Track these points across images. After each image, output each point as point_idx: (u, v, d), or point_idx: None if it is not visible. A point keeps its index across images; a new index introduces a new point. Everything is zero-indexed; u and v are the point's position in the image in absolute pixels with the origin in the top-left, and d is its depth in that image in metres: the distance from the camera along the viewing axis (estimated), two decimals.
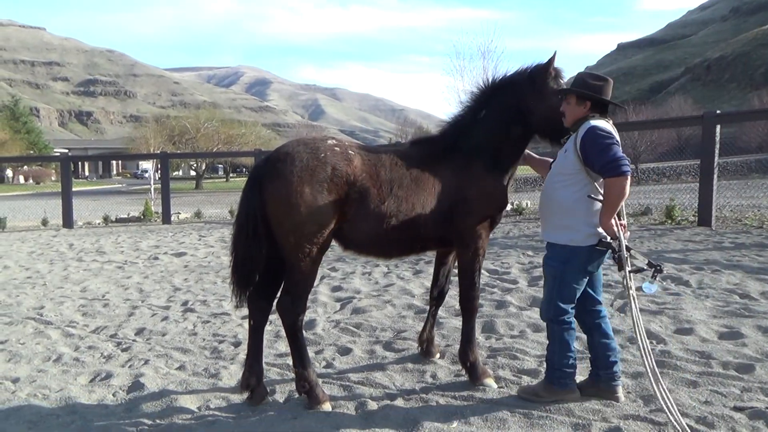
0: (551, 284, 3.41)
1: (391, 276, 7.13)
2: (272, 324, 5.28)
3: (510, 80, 3.75)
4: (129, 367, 4.32)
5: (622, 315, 5.04)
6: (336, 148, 3.43)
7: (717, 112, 10.07)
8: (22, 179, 62.76)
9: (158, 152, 30.22)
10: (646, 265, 3.27)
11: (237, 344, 4.74)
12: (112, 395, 3.82)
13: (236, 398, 3.67)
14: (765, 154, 34.23)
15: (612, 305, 5.20)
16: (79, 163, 71.68)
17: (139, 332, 5.22)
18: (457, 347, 4.39)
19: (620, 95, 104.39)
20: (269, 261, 3.47)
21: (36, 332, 5.30)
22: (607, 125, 3.28)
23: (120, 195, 38.22)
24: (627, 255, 3.21)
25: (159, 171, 18.39)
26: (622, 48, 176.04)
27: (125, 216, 16.94)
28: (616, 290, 5.85)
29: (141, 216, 16.50)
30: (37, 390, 3.93)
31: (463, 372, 3.82)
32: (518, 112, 3.64)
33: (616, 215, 3.24)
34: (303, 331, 3.59)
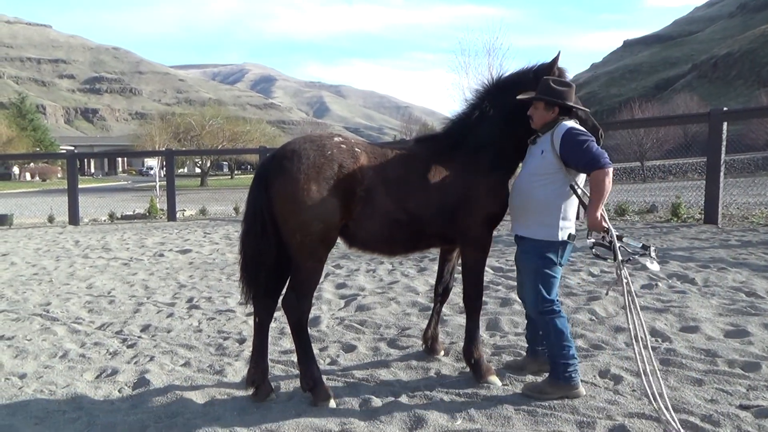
0: (534, 279, 3.46)
1: (396, 273, 7.13)
2: (277, 321, 5.29)
3: (514, 79, 3.75)
4: (134, 364, 4.34)
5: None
6: (342, 146, 3.43)
7: (724, 109, 10.01)
8: (29, 176, 63.09)
9: (163, 149, 30.28)
10: (641, 248, 3.38)
11: (242, 341, 4.75)
12: (118, 391, 3.84)
13: (241, 394, 3.68)
14: None
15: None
16: (85, 161, 72.04)
17: (145, 329, 5.25)
18: (462, 344, 4.40)
19: (626, 92, 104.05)
20: (275, 258, 3.47)
21: (42, 328, 5.33)
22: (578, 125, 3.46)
23: (125, 192, 38.38)
24: (620, 244, 3.32)
25: (164, 168, 18.44)
26: (628, 45, 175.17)
27: (131, 213, 17.01)
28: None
29: (146, 213, 16.57)
30: (44, 386, 3.95)
31: (468, 369, 3.81)
32: (522, 111, 3.63)
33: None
34: (308, 329, 3.59)
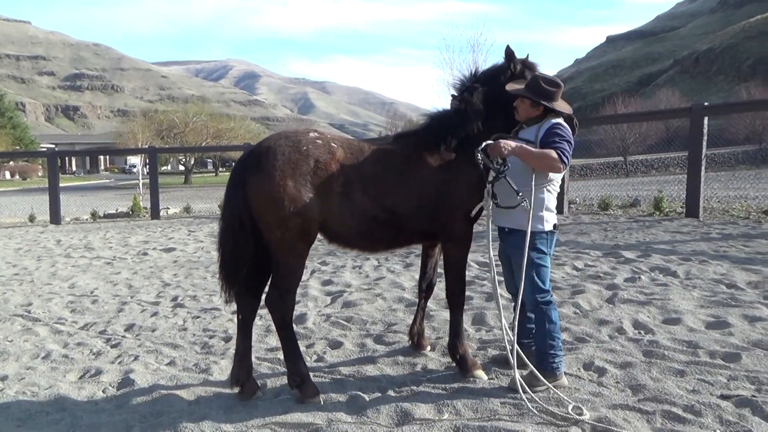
0: (528, 271, 3.47)
1: (382, 269, 7.13)
2: (263, 318, 5.27)
3: (492, 73, 3.79)
4: (118, 364, 4.31)
5: (611, 306, 5.08)
6: (318, 141, 3.42)
7: (705, 104, 10.12)
8: (8, 175, 62.05)
9: (146, 147, 29.96)
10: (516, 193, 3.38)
11: (227, 339, 4.73)
12: (102, 391, 3.80)
13: (227, 393, 3.66)
14: (752, 146, 34.57)
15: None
16: (66, 159, 71.07)
17: (129, 328, 5.20)
18: (448, 336, 4.42)
19: (609, 87, 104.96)
20: (256, 256, 3.45)
21: (24, 329, 5.26)
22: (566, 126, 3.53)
23: (108, 190, 37.92)
24: (502, 177, 3.35)
25: (147, 166, 18.25)
26: (612, 40, 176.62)
27: (113, 211, 16.81)
28: (604, 281, 5.90)
29: (129, 211, 16.39)
30: (26, 387, 3.90)
31: (454, 365, 3.83)
32: (500, 106, 3.65)
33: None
34: (293, 326, 3.57)
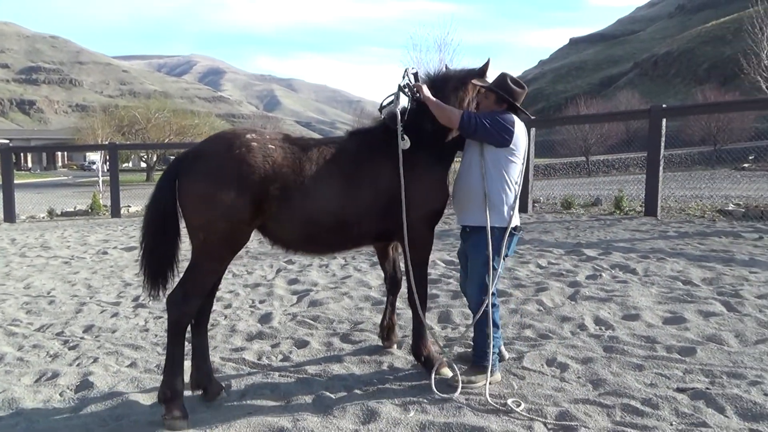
0: (482, 270, 3.52)
1: (348, 268, 7.12)
2: (228, 318, 5.21)
3: (451, 74, 3.80)
4: (77, 366, 4.18)
5: (573, 303, 5.19)
6: (254, 143, 3.26)
7: (663, 106, 10.43)
8: None
9: (106, 143, 29.16)
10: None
11: (191, 340, 4.64)
12: (59, 395, 3.69)
13: (190, 394, 3.60)
14: (707, 147, 35.78)
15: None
16: (21, 155, 68.49)
17: (88, 329, 5.05)
18: (411, 341, 4.44)
19: (572, 89, 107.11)
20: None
21: None
22: (517, 121, 3.54)
23: (66, 187, 36.75)
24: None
25: (107, 162, 17.77)
26: (574, 42, 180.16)
27: (72, 209, 16.32)
28: (567, 278, 6.02)
29: (89, 209, 15.93)
30: None
31: (419, 366, 3.84)
32: (461, 104, 3.64)
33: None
34: (185, 334, 3.31)
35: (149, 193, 3.37)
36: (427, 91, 3.55)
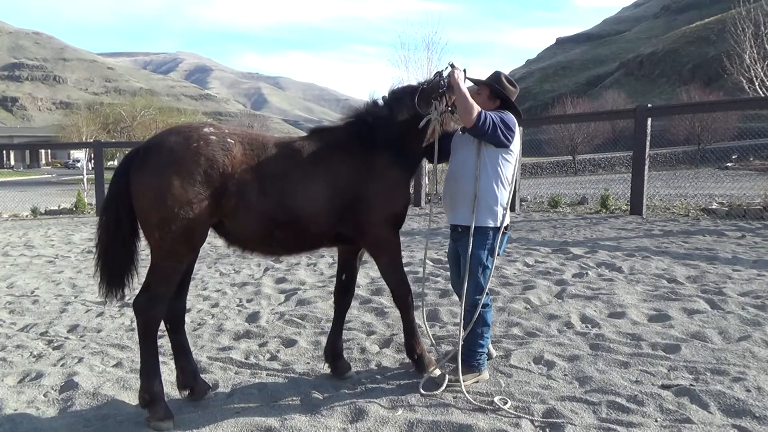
0: (476, 270, 3.51)
1: (336, 267, 7.10)
2: (215, 318, 5.18)
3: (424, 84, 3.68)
4: (61, 366, 4.13)
5: (560, 301, 5.22)
6: (212, 137, 3.15)
7: (648, 106, 10.53)
8: None
9: (91, 141, 28.82)
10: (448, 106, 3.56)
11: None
12: (44, 396, 3.64)
13: (178, 394, 3.57)
14: (691, 146, 36.19)
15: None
16: (4, 152, 67.52)
17: (72, 329, 5.00)
18: (403, 335, 4.45)
19: (559, 88, 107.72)
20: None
21: None
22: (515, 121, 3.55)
23: (50, 186, 36.22)
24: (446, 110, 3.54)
25: (92, 161, 17.57)
26: (561, 42, 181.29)
27: (56, 208, 16.13)
28: (554, 277, 6.06)
29: (73, 208, 15.75)
30: None
31: (411, 364, 3.80)
32: (429, 105, 3.53)
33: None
34: (156, 337, 3.26)
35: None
36: (461, 78, 3.41)
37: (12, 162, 74.76)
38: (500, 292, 5.51)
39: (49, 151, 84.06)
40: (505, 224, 3.58)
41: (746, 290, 5.29)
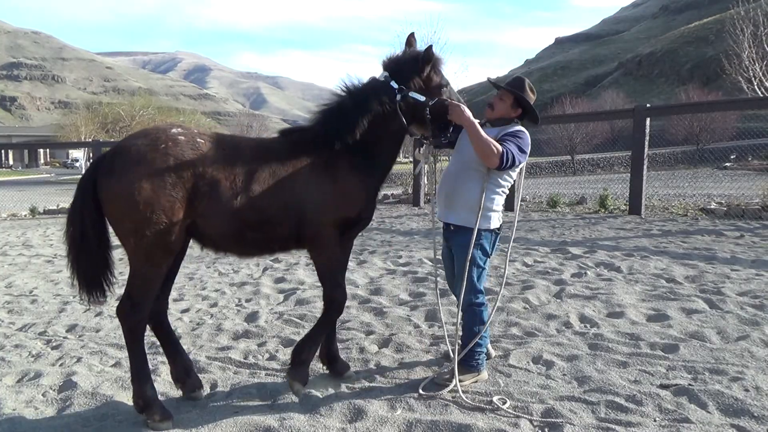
0: (470, 270, 3.50)
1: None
2: (214, 317, 5.18)
3: (393, 68, 3.46)
4: (60, 366, 4.13)
5: (558, 301, 5.23)
6: (180, 137, 3.11)
7: (647, 106, 10.53)
8: None
9: (90, 140, 28.84)
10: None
11: (177, 338, 4.60)
12: (42, 395, 3.64)
13: (176, 394, 3.57)
14: (690, 146, 36.23)
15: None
16: (2, 152, 67.46)
17: (71, 329, 4.99)
18: (402, 335, 4.45)
19: (558, 88, 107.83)
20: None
21: None
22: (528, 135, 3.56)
23: (48, 185, 36.22)
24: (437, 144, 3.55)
25: (91, 160, 17.56)
26: (560, 42, 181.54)
27: (54, 207, 16.11)
28: (552, 276, 6.06)
29: None
30: None
31: (289, 365, 3.54)
32: (400, 107, 3.37)
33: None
34: (143, 341, 3.26)
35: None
36: (470, 113, 3.31)
37: (11, 161, 74.69)
38: (499, 292, 5.50)
39: (48, 151, 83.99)
40: (498, 225, 3.60)
41: (745, 290, 5.30)
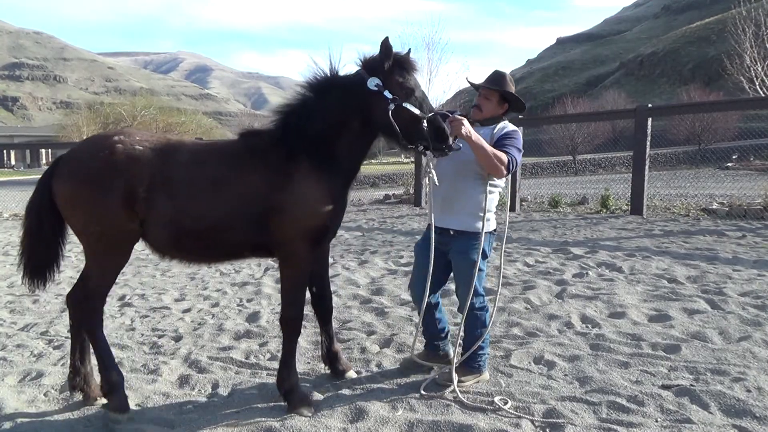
0: (471, 273, 3.48)
1: (337, 266, 7.11)
2: (215, 317, 5.18)
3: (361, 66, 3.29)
4: (62, 366, 4.13)
5: (560, 301, 5.22)
6: (119, 145, 3.14)
7: (649, 106, 10.52)
8: None
9: None
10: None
11: (177, 339, 4.61)
12: (44, 395, 3.64)
13: (177, 393, 3.58)
14: (692, 147, 36.18)
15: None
16: (4, 152, 67.56)
17: None
18: (403, 335, 4.45)
19: (559, 88, 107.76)
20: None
21: None
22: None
23: None
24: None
25: None
26: (561, 42, 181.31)
27: None
28: (554, 277, 6.06)
29: None
30: None
31: (281, 400, 3.37)
32: (366, 103, 3.17)
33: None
34: (101, 329, 3.33)
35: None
36: (470, 126, 3.23)
37: (12, 162, 74.80)
38: (501, 293, 5.50)
39: (50, 151, 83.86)
40: (495, 227, 3.66)
41: (746, 290, 5.29)
